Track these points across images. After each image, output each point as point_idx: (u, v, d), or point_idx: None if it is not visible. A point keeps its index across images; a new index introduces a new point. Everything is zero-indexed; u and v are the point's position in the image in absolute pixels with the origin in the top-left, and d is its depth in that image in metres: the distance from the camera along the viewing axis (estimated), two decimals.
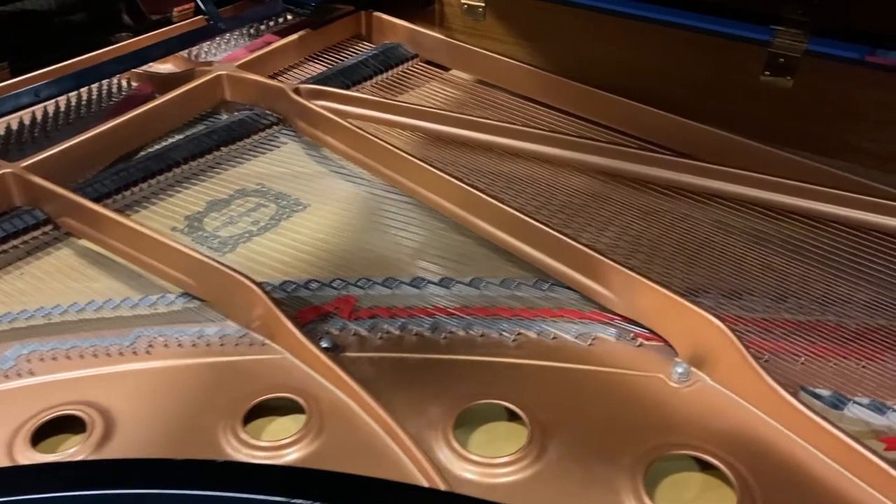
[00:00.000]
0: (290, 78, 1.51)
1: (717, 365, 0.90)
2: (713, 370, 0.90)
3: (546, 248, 1.02)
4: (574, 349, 0.94)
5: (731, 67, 1.34)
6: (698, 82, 1.36)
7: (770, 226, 1.11)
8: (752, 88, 1.32)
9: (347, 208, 1.20)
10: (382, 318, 0.98)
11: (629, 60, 1.42)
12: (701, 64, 1.36)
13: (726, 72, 1.34)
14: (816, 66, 1.25)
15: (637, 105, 1.30)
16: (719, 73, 1.35)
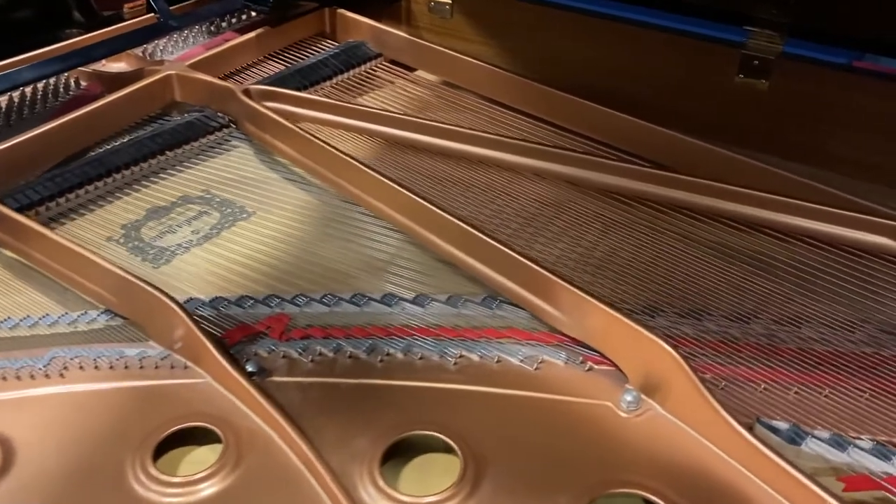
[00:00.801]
0: (247, 78, 1.45)
1: (669, 393, 0.83)
2: (665, 399, 0.84)
3: (494, 263, 0.96)
4: (519, 374, 0.88)
5: (704, 69, 1.28)
6: (670, 84, 1.30)
7: (735, 239, 1.05)
8: (727, 91, 1.26)
9: (294, 217, 1.14)
10: (316, 338, 0.91)
11: (599, 60, 1.36)
12: (673, 65, 1.30)
13: (700, 74, 1.28)
14: (795, 70, 1.18)
15: (604, 110, 1.23)
16: (692, 75, 1.29)
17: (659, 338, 0.83)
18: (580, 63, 1.38)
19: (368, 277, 1.01)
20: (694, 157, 1.16)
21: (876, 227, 1.00)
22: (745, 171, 1.12)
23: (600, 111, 1.24)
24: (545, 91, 1.30)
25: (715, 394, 0.80)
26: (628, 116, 1.21)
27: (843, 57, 1.20)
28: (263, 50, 1.50)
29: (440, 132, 1.22)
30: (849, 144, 1.20)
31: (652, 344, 0.83)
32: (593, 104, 1.24)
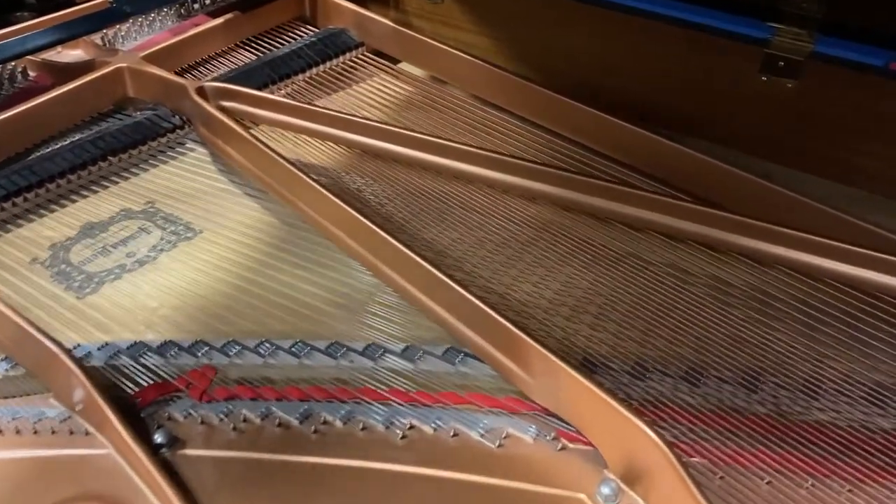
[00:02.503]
0: (215, 70, 1.30)
1: (652, 486, 0.69)
2: (649, 492, 0.69)
3: (456, 309, 0.82)
4: (479, 453, 0.74)
5: (722, 69, 1.11)
6: (682, 85, 1.14)
7: (743, 279, 0.89)
8: (746, 96, 1.09)
9: (243, 240, 1.00)
10: (243, 399, 0.78)
11: (602, 55, 1.20)
12: (686, 63, 1.14)
13: (715, 74, 1.12)
14: (824, 72, 1.01)
15: (604, 117, 1.08)
16: (707, 75, 1.12)
17: (641, 421, 0.68)
18: (581, 58, 1.22)
19: (318, 318, 0.88)
20: (700, 175, 1.00)
21: None
22: (756, 193, 0.96)
23: (600, 118, 1.08)
24: (540, 93, 1.14)
25: (709, 490, 0.65)
26: (630, 125, 1.05)
27: (878, 58, 1.02)
28: (233, 37, 1.35)
29: (418, 143, 1.07)
30: (880, 159, 1.03)
31: (633, 428, 0.68)
32: (592, 110, 1.09)
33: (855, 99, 1.01)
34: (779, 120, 1.08)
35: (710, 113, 1.12)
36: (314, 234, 0.98)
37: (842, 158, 1.06)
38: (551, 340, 0.81)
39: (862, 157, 1.05)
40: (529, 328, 0.78)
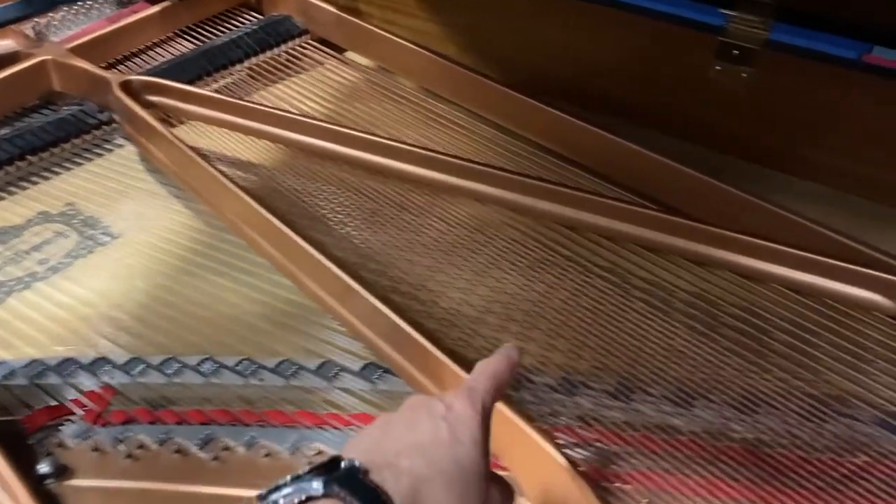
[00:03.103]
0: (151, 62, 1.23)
1: None
2: None
3: (371, 322, 0.77)
4: None
5: (673, 58, 1.04)
6: (633, 74, 1.07)
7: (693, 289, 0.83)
8: (703, 86, 1.02)
9: (163, 245, 0.95)
10: (140, 423, 0.73)
11: (552, 45, 1.14)
12: (638, 52, 1.07)
13: (667, 63, 1.05)
14: (784, 63, 0.94)
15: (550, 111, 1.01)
16: (659, 63, 1.06)
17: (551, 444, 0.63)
18: (531, 46, 1.16)
19: (235, 332, 0.82)
20: (648, 173, 0.94)
21: (864, 280, 0.78)
22: (705, 191, 0.90)
23: (546, 112, 1.02)
24: (487, 86, 1.08)
25: None
26: (578, 122, 0.99)
27: (850, 49, 0.95)
28: (172, 26, 1.29)
29: (353, 141, 1.01)
30: (856, 158, 0.97)
31: (544, 453, 0.63)
32: (538, 104, 1.02)
33: (819, 92, 0.94)
34: (734, 112, 1.02)
35: (662, 103, 1.06)
36: (239, 241, 0.92)
37: (803, 154, 1.00)
38: (471, 351, 0.76)
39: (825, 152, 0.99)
40: (450, 339, 0.73)
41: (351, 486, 0.42)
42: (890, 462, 0.66)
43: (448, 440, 0.47)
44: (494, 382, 0.53)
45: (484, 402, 0.51)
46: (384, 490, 0.43)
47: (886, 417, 0.69)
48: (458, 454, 0.46)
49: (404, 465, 0.45)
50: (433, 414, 0.48)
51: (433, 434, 0.47)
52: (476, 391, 0.51)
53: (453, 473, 0.46)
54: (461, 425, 0.48)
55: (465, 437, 0.47)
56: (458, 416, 0.48)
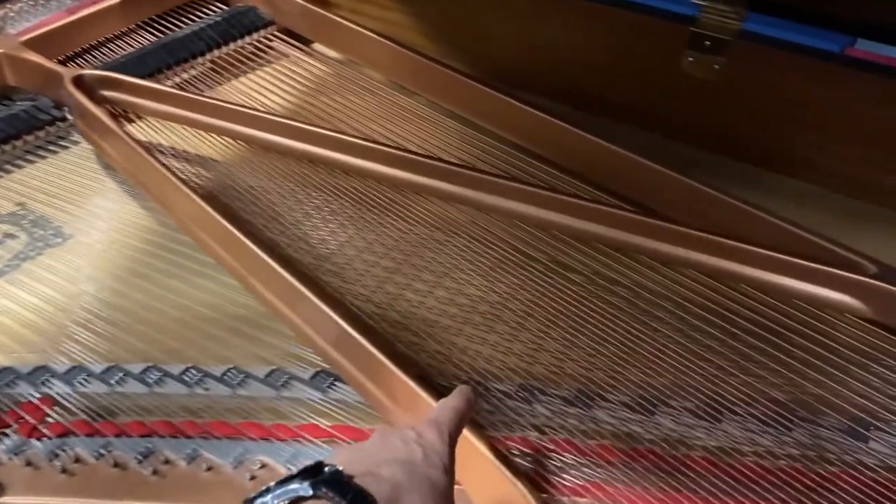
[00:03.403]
0: (111, 56, 1.19)
1: None
2: None
3: (320, 328, 0.73)
4: None
5: (645, 50, 1.01)
6: (605, 67, 1.04)
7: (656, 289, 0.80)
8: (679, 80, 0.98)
9: (115, 246, 0.92)
10: (78, 435, 0.69)
11: (522, 38, 1.10)
12: (609, 44, 1.04)
13: (639, 55, 1.02)
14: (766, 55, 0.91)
15: (526, 109, 0.97)
16: (630, 56, 1.03)
17: (505, 459, 0.60)
18: (502, 39, 1.12)
19: (185, 337, 0.79)
20: (620, 171, 0.90)
21: (836, 282, 0.75)
22: (679, 191, 0.87)
23: (515, 107, 0.98)
24: (455, 79, 1.04)
25: None
26: (548, 117, 0.96)
27: (832, 42, 0.91)
28: (133, 18, 1.25)
29: (313, 137, 0.97)
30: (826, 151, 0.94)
31: (495, 469, 0.60)
32: (507, 98, 0.99)
33: (801, 86, 0.91)
34: (710, 106, 0.99)
35: (636, 97, 1.03)
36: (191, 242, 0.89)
37: (781, 149, 0.96)
38: (424, 356, 0.73)
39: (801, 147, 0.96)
40: (403, 344, 0.70)
41: (338, 488, 0.44)
42: (856, 473, 0.63)
43: (423, 461, 0.49)
44: (457, 417, 0.56)
45: (450, 434, 0.54)
46: (371, 494, 0.44)
47: (854, 425, 0.66)
48: (431, 476, 0.49)
49: (385, 474, 0.47)
50: (406, 439, 0.51)
51: (409, 454, 0.50)
52: (443, 423, 0.54)
53: (429, 491, 0.48)
54: (433, 451, 0.51)
55: (437, 463, 0.50)
56: (429, 442, 0.51)
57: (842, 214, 0.88)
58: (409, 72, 1.10)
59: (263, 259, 0.77)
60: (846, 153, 0.89)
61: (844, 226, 0.86)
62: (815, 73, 0.86)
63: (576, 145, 0.94)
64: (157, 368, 0.75)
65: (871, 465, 0.64)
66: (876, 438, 0.66)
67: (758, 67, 0.92)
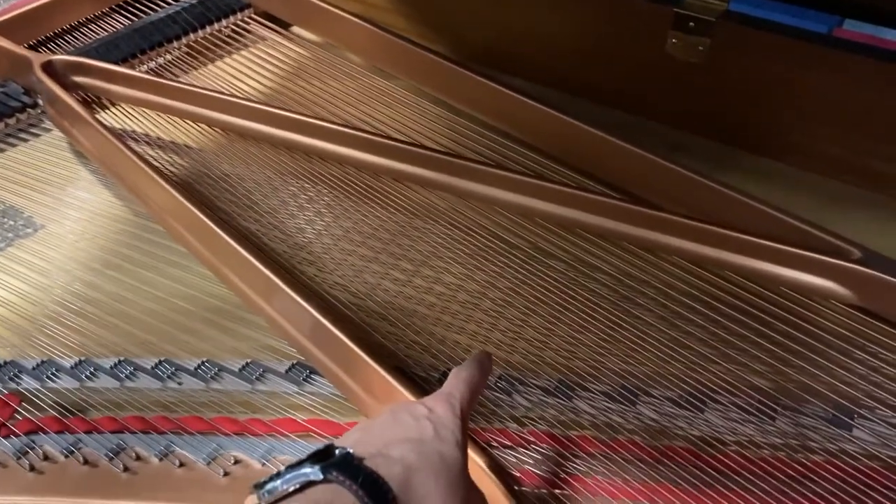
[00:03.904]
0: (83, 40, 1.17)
1: None
2: None
3: (295, 320, 0.72)
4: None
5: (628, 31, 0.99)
6: (588, 49, 1.02)
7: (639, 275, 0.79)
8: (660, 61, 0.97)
9: (88, 236, 0.90)
10: (48, 432, 0.68)
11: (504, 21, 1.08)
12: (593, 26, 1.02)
13: (622, 37, 1.00)
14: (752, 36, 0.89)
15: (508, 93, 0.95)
16: (615, 38, 1.01)
17: (479, 455, 0.59)
18: (483, 22, 1.10)
19: (159, 330, 0.78)
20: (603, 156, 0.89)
21: (820, 267, 0.74)
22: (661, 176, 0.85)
23: (497, 91, 0.97)
24: (436, 62, 1.02)
25: None
26: (530, 101, 0.94)
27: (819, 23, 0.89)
28: (105, 1, 1.22)
29: (290, 123, 0.95)
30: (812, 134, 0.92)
31: (471, 463, 0.59)
32: (488, 82, 0.97)
33: (787, 68, 0.89)
34: (695, 89, 0.97)
35: (620, 80, 1.01)
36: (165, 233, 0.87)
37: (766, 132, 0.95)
38: (402, 347, 0.71)
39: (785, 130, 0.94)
40: (380, 335, 0.69)
41: (349, 471, 0.43)
42: (839, 462, 0.62)
43: (433, 437, 0.48)
44: (469, 389, 0.55)
45: (462, 407, 0.53)
46: (382, 476, 0.43)
47: (838, 413, 0.65)
48: (444, 451, 0.48)
49: (395, 454, 0.46)
50: (416, 415, 0.50)
51: (419, 431, 0.49)
52: (454, 396, 0.53)
53: (441, 468, 0.47)
54: (444, 427, 0.50)
55: (449, 438, 0.49)
56: (441, 417, 0.50)
57: (827, 198, 0.87)
58: (389, 55, 1.07)
59: (237, 250, 0.75)
60: (832, 136, 0.88)
61: (829, 209, 0.84)
62: (802, 54, 0.84)
63: (558, 129, 0.92)
64: (129, 362, 0.74)
65: (853, 454, 0.63)
66: (859, 426, 0.65)
67: (743, 49, 0.90)
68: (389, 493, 0.43)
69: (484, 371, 0.58)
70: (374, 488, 0.43)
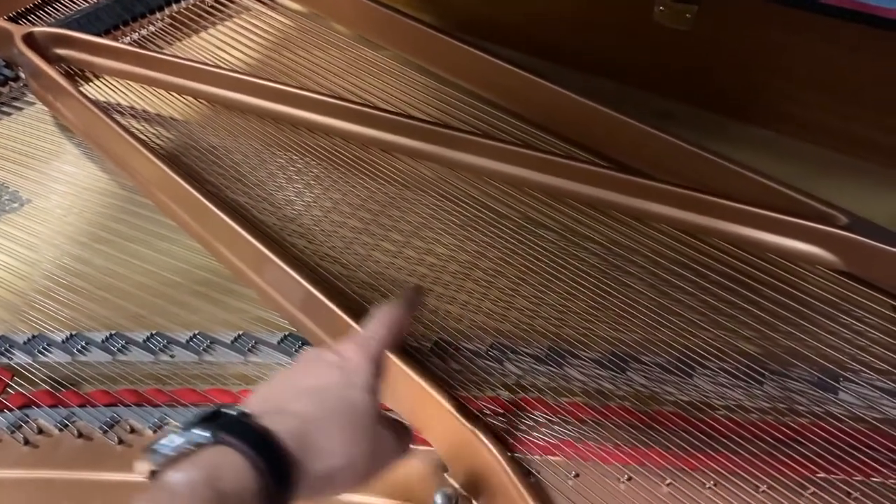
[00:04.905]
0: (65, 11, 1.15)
1: (493, 495, 0.61)
2: (491, 500, 0.61)
3: (285, 291, 0.72)
4: None
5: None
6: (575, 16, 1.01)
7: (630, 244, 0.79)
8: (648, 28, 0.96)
9: (76, 211, 0.89)
10: (41, 406, 0.68)
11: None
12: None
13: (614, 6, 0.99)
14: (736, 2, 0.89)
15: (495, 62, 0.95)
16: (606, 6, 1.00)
17: (473, 423, 0.60)
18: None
19: (149, 303, 0.78)
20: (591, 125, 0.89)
21: (806, 233, 0.75)
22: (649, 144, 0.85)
23: (484, 60, 0.96)
24: (423, 32, 1.02)
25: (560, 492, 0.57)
26: (517, 70, 0.93)
27: None
28: None
29: (276, 94, 0.94)
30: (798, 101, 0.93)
31: (464, 430, 0.60)
32: (476, 51, 0.96)
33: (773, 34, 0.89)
34: (681, 55, 0.96)
35: (608, 48, 1.00)
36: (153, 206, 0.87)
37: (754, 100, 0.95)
38: None
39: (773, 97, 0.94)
40: (371, 306, 0.69)
41: (238, 432, 0.43)
42: (826, 424, 0.63)
43: (340, 384, 0.49)
44: (388, 331, 0.55)
45: (377, 351, 0.53)
46: (272, 432, 0.44)
47: (824, 377, 0.66)
48: (349, 397, 0.49)
49: (294, 409, 0.47)
50: (326, 362, 0.51)
51: (326, 379, 0.50)
52: (368, 339, 0.54)
53: (345, 415, 0.48)
54: (353, 372, 0.50)
55: (357, 383, 0.50)
56: (351, 363, 0.51)
57: (813, 164, 0.88)
58: (375, 25, 1.07)
59: (227, 222, 0.75)
60: (820, 104, 0.88)
61: (816, 176, 0.85)
62: (790, 21, 0.84)
63: (546, 98, 0.92)
64: (121, 336, 0.74)
65: (839, 416, 0.64)
66: (845, 389, 0.66)
67: (731, 17, 0.90)
68: (281, 448, 0.44)
69: (406, 310, 0.58)
70: (265, 446, 0.43)
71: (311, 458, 0.45)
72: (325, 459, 0.46)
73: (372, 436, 0.49)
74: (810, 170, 0.87)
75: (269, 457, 0.43)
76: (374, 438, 0.49)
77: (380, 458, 0.50)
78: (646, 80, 0.98)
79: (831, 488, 0.59)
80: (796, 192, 0.77)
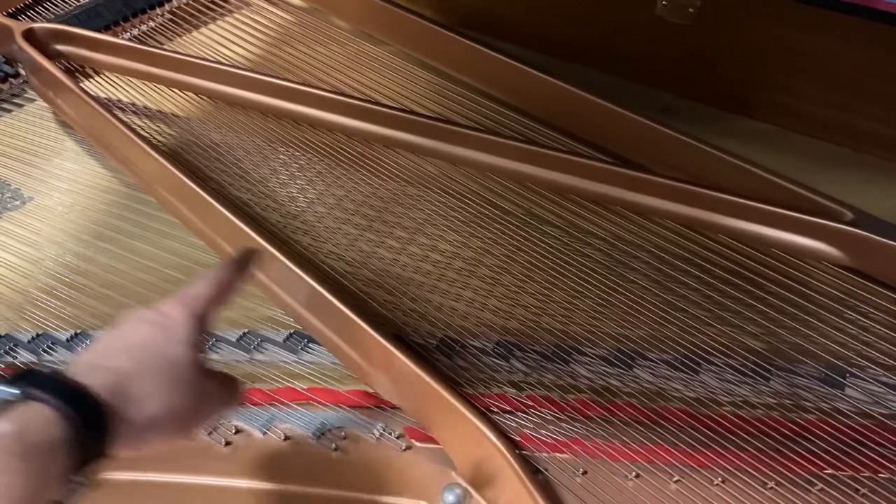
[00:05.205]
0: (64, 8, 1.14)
1: (502, 493, 0.61)
2: (499, 498, 0.61)
3: (291, 289, 0.72)
4: (314, 459, 0.65)
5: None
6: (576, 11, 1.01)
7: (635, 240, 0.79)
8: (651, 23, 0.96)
9: (79, 208, 0.89)
10: None
11: None
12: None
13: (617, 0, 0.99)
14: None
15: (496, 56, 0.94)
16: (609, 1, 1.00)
17: (477, 416, 0.60)
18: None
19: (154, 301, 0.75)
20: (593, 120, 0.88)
21: (812, 229, 0.74)
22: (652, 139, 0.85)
23: (485, 54, 0.96)
24: (423, 26, 1.01)
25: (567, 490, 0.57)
26: (519, 64, 0.93)
27: None
28: None
29: (278, 90, 0.94)
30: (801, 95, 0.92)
31: (472, 426, 0.60)
32: (476, 45, 0.96)
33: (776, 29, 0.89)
34: (684, 50, 0.96)
35: (608, 43, 1.00)
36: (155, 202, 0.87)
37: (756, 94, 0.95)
38: (399, 315, 0.72)
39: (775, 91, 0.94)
40: (376, 303, 0.69)
41: (48, 387, 0.45)
42: (833, 420, 0.63)
43: (159, 341, 0.52)
44: (214, 290, 0.56)
45: (201, 308, 0.55)
46: (85, 386, 0.46)
47: (830, 373, 0.66)
48: (168, 352, 0.51)
49: (112, 365, 0.49)
50: (147, 320, 0.53)
51: (146, 336, 0.52)
52: (190, 296, 0.55)
53: (163, 367, 0.51)
54: (173, 328, 0.52)
55: (177, 338, 0.52)
56: (171, 319, 0.53)
57: (818, 160, 0.87)
58: (376, 20, 1.06)
59: (230, 218, 0.75)
60: (822, 97, 0.88)
61: (820, 171, 0.85)
62: (792, 15, 0.84)
63: (548, 93, 0.91)
64: None
65: (846, 412, 0.64)
66: (851, 385, 0.66)
67: (733, 11, 0.90)
68: (96, 402, 0.45)
69: (241, 267, 0.59)
70: (78, 399, 0.45)
71: (128, 408, 0.47)
72: (144, 408, 0.48)
73: (193, 386, 0.51)
74: (812, 164, 0.87)
75: (79, 407, 0.44)
76: (195, 389, 0.51)
77: (205, 406, 0.53)
78: (648, 75, 0.98)
79: (839, 484, 0.59)
80: (801, 187, 0.77)
